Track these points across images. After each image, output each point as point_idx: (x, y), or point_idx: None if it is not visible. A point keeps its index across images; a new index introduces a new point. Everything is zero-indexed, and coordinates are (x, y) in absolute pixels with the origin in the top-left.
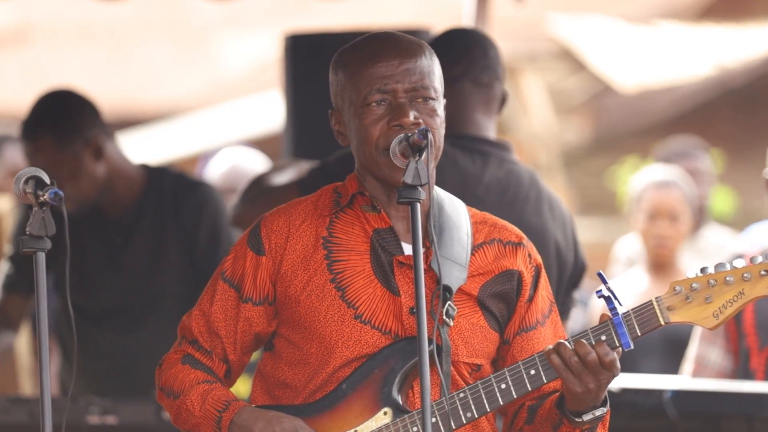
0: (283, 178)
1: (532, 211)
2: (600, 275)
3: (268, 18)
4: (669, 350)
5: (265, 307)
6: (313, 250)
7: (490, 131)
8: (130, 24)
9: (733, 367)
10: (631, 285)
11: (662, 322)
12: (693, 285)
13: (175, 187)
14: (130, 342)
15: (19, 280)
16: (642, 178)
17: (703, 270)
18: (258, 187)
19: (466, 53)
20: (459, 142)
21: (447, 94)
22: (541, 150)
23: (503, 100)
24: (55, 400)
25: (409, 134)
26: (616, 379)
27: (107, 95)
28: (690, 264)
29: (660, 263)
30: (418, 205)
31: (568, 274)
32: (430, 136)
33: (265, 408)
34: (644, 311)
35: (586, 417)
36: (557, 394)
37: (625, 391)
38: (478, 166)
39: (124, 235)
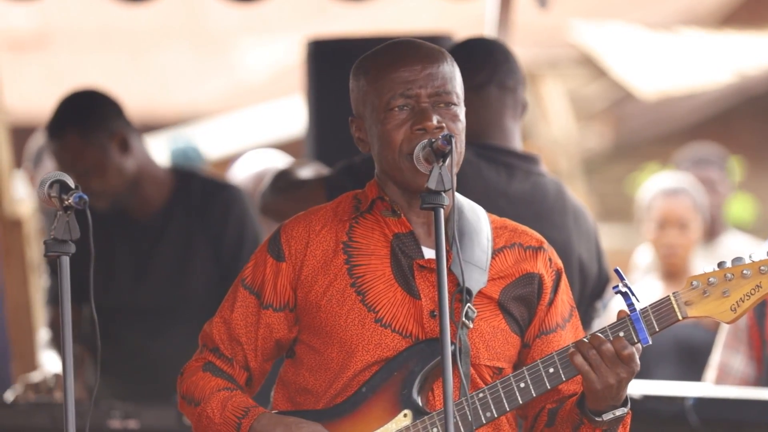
0: (305, 172)
1: (556, 226)
2: (617, 272)
3: (288, 23)
4: (682, 357)
5: (286, 314)
6: (333, 255)
7: (517, 137)
8: (151, 29)
9: (756, 374)
10: (645, 293)
11: (680, 317)
12: (710, 279)
13: (203, 190)
14: (157, 345)
15: None
16: (651, 187)
17: (720, 264)
18: (287, 178)
19: (489, 59)
20: (484, 153)
21: (474, 102)
22: (561, 156)
23: (524, 106)
24: (78, 404)
25: (433, 140)
26: (637, 385)
27: (128, 100)
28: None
29: (672, 271)
30: (441, 210)
31: (590, 288)
32: (453, 141)
33: (285, 414)
34: (662, 306)
35: (606, 416)
36: (578, 395)
37: (647, 398)
38: (503, 179)
39: (152, 239)
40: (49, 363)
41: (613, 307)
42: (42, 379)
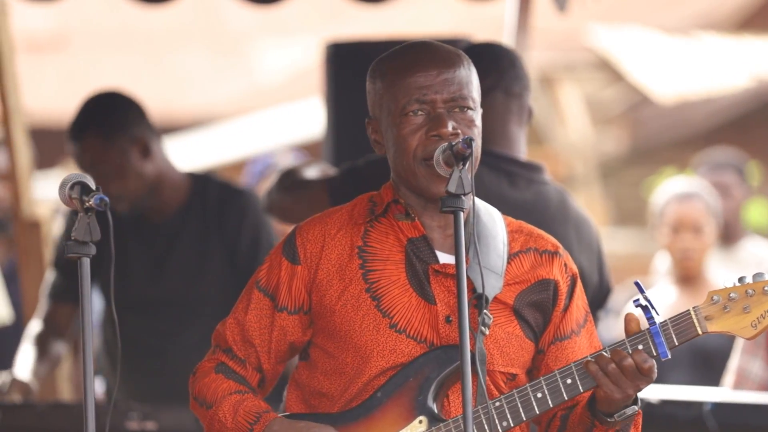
0: (311, 173)
1: (556, 236)
2: (637, 284)
3: (305, 25)
4: (696, 362)
5: (300, 317)
6: (348, 260)
7: (522, 144)
8: (168, 31)
9: None
10: (660, 298)
11: (700, 332)
12: (731, 294)
13: (219, 194)
14: (171, 347)
15: (67, 289)
16: (663, 192)
17: (741, 279)
18: (292, 178)
19: (496, 65)
20: (486, 160)
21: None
22: (577, 160)
23: (530, 112)
24: (97, 406)
25: (453, 143)
26: (655, 390)
27: (145, 101)
28: (721, 275)
29: (687, 276)
30: (461, 214)
31: (590, 298)
32: (473, 144)
33: (300, 417)
34: (682, 321)
35: (618, 416)
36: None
37: (665, 403)
38: (504, 186)
39: (167, 242)
40: (19, 361)
41: (627, 312)
42: None
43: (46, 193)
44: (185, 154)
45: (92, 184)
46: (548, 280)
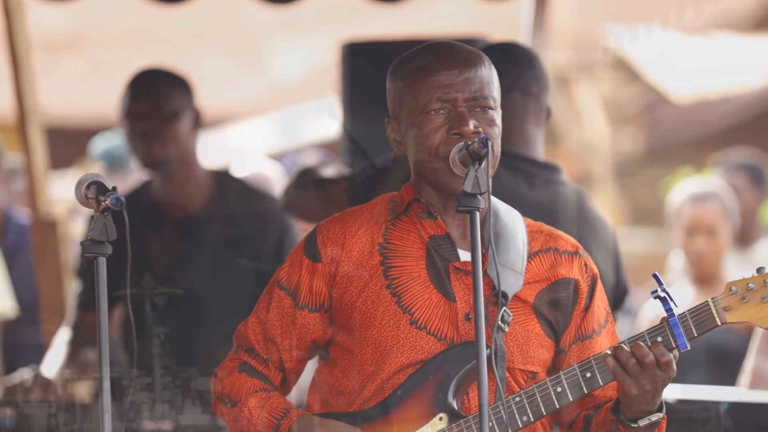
0: (328, 171)
1: (573, 236)
2: (655, 276)
3: (321, 25)
4: (714, 362)
5: (321, 314)
6: (368, 257)
7: (540, 144)
8: (185, 30)
9: None
10: (676, 298)
11: (719, 323)
12: (749, 285)
13: (244, 195)
14: (190, 347)
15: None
16: (679, 193)
17: (759, 270)
18: (310, 176)
19: (514, 65)
20: (504, 160)
21: None
22: (594, 160)
23: (548, 112)
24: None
25: (469, 143)
26: (672, 390)
27: None
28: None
29: (702, 277)
30: (477, 213)
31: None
32: (489, 144)
33: (320, 416)
34: (700, 312)
35: (642, 422)
36: (613, 401)
37: (681, 403)
38: (521, 186)
39: (190, 240)
40: (46, 360)
41: (645, 312)
42: (19, 381)
43: (62, 193)
44: (200, 153)
45: (108, 184)
46: (568, 279)
